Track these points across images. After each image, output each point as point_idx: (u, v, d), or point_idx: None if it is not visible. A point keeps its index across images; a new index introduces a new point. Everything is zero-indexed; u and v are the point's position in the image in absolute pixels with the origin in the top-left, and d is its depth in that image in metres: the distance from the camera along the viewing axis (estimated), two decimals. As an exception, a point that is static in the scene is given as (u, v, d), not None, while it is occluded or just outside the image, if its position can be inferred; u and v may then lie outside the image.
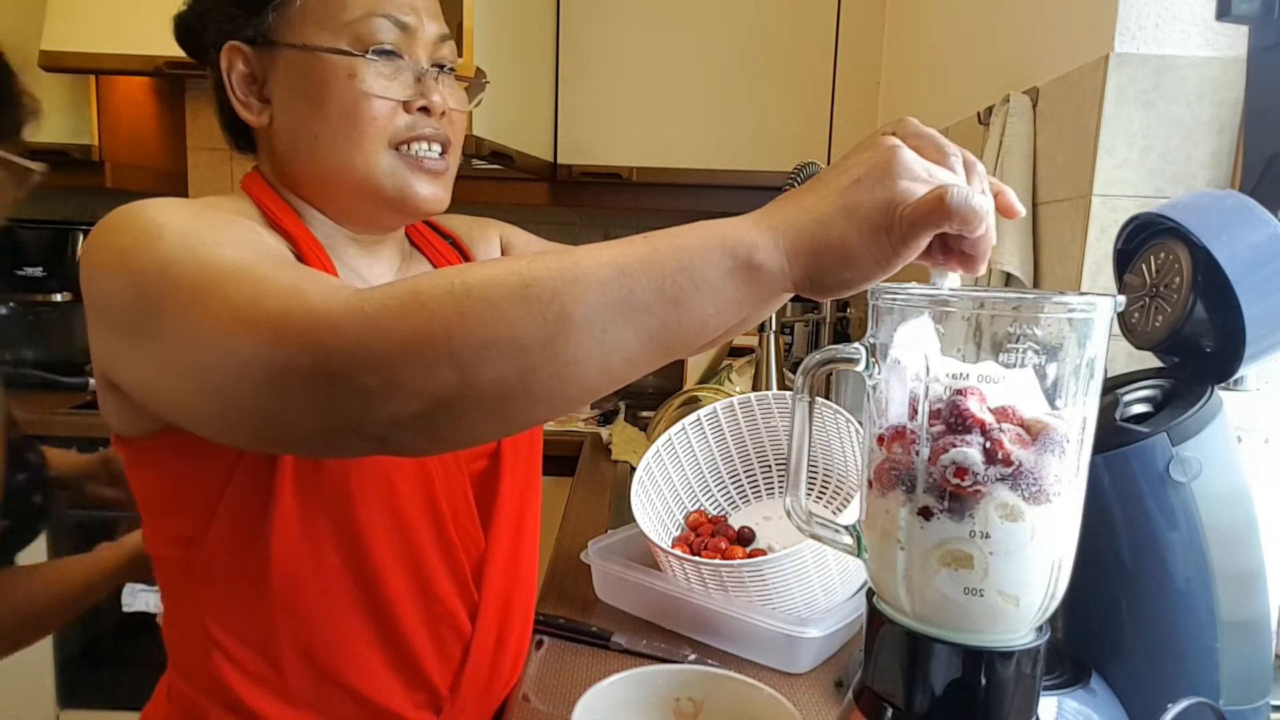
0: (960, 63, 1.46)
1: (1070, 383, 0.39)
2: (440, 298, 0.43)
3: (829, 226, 0.44)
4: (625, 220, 2.36)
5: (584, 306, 0.43)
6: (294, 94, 0.65)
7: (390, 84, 0.65)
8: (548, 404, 0.45)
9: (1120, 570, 0.58)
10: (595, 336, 0.43)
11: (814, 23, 1.97)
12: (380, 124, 0.65)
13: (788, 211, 0.46)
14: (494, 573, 0.73)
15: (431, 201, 0.68)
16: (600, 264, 0.44)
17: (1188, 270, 0.57)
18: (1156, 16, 0.91)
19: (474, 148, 1.59)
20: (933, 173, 0.45)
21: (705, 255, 0.44)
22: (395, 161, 0.66)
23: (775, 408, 1.00)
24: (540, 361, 0.43)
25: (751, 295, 0.45)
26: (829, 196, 0.45)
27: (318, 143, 0.65)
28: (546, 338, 0.43)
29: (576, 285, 0.43)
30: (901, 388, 0.41)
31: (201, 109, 2.32)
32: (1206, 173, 0.93)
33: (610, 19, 1.98)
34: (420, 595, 0.68)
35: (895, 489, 0.41)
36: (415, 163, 0.67)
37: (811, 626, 0.76)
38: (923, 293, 0.41)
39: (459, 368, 0.42)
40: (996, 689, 0.40)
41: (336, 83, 0.64)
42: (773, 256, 0.44)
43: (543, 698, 0.74)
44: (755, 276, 0.44)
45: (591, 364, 0.44)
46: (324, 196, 0.68)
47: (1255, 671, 0.58)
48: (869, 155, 0.45)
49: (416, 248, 0.81)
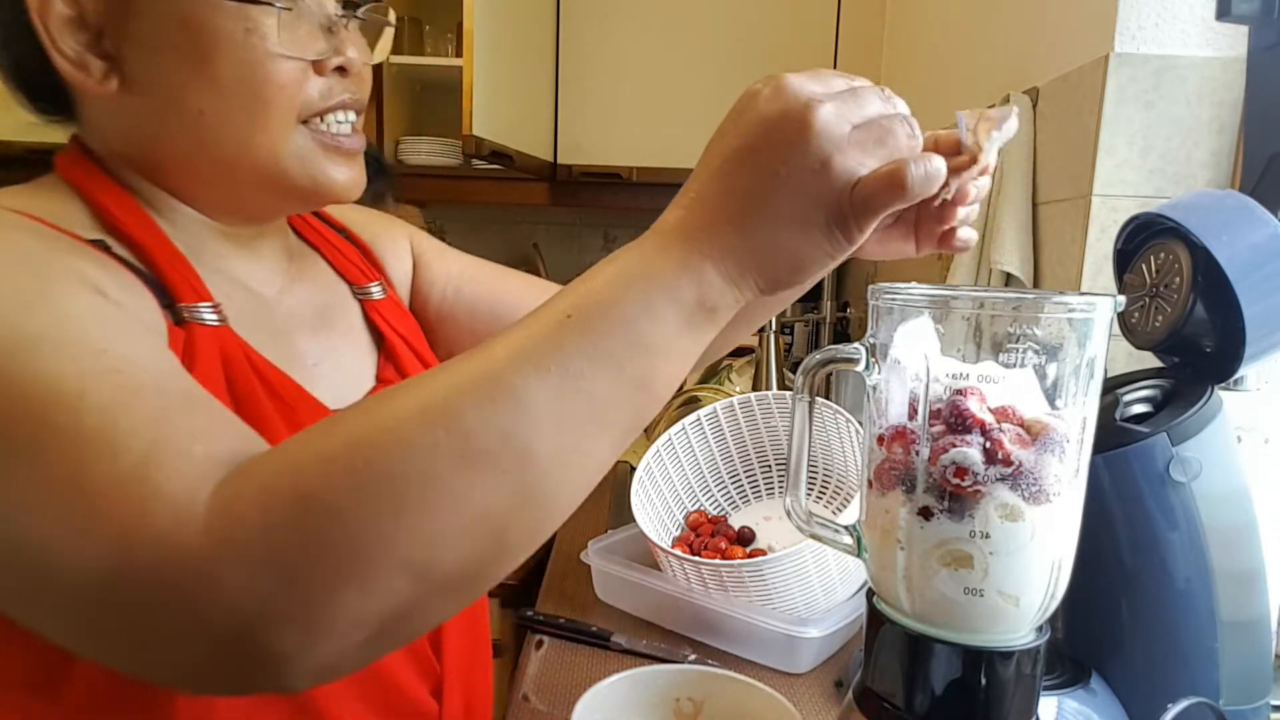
0: (960, 63, 1.46)
1: (1070, 383, 0.39)
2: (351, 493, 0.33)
3: (772, 240, 0.38)
4: (625, 220, 2.36)
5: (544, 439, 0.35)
6: (163, 54, 0.49)
7: (298, 39, 0.51)
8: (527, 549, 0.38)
9: (1120, 570, 0.58)
10: (568, 461, 0.36)
11: (814, 23, 1.96)
12: (289, 93, 0.51)
13: (716, 233, 0.38)
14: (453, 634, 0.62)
15: (351, 188, 0.56)
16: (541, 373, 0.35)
17: (1188, 270, 0.57)
18: (1156, 16, 0.91)
19: (474, 148, 1.59)
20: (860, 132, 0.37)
21: (655, 318, 0.37)
22: (306, 141, 0.53)
23: (775, 408, 1.00)
24: (514, 519, 0.36)
25: (711, 332, 0.40)
26: (755, 204, 0.38)
27: (202, 120, 0.50)
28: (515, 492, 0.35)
29: (525, 415, 0.34)
30: (901, 388, 0.41)
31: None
32: (1206, 173, 0.93)
33: (610, 19, 1.98)
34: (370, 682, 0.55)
35: (895, 489, 0.41)
36: (331, 142, 0.54)
37: (811, 626, 0.76)
38: (923, 293, 0.41)
39: (408, 573, 0.34)
40: (996, 689, 0.40)
41: (230, 40, 0.49)
42: (722, 290, 0.39)
43: (543, 698, 0.74)
44: (711, 316, 0.39)
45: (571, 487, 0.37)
46: (199, 185, 0.54)
47: (1255, 671, 0.58)
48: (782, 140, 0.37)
49: (305, 242, 0.67)
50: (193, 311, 0.51)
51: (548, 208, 2.33)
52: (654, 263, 0.38)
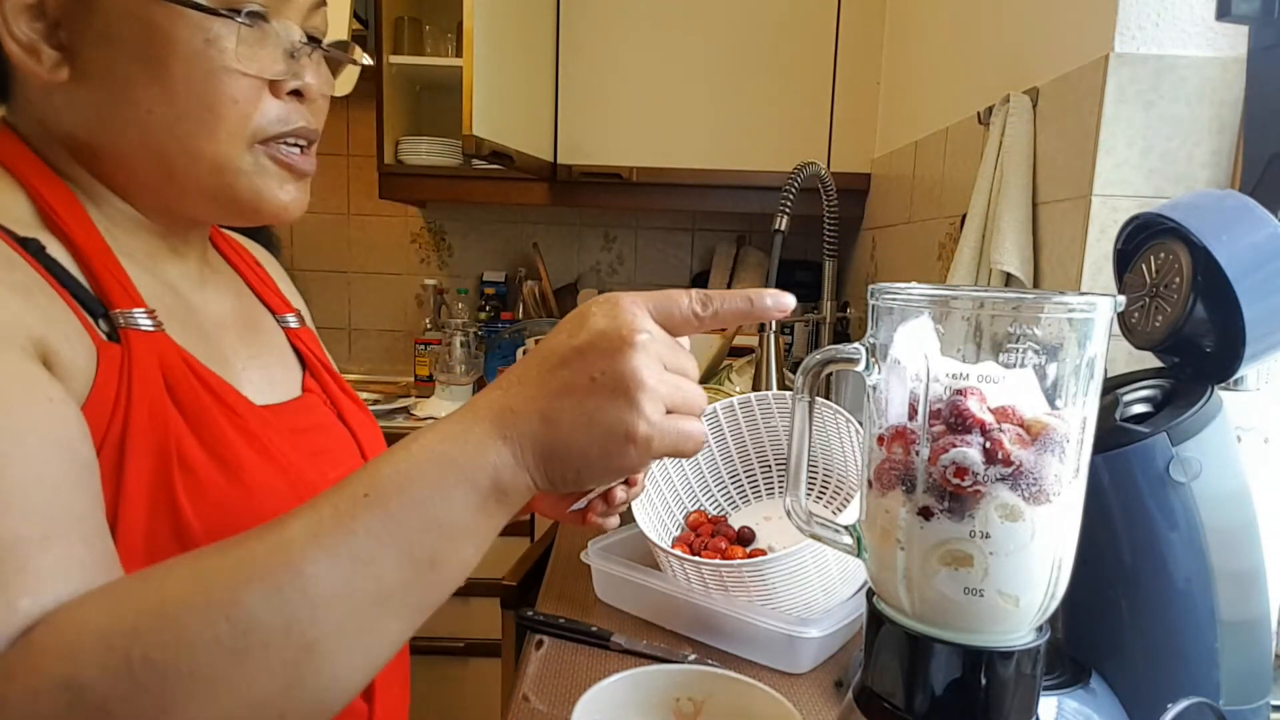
0: (960, 63, 1.46)
1: (1070, 383, 0.39)
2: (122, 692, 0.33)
3: (567, 439, 0.40)
4: (625, 220, 2.36)
5: (329, 626, 0.36)
6: (120, 52, 0.49)
7: (258, 57, 0.52)
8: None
9: (1120, 570, 0.58)
10: (351, 646, 0.37)
11: (814, 23, 1.96)
12: (242, 110, 0.52)
13: (525, 419, 0.41)
14: None
15: (295, 210, 0.57)
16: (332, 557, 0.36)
17: (1188, 270, 0.57)
18: (1156, 16, 0.91)
19: (474, 148, 1.59)
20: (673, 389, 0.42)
21: (449, 499, 0.39)
22: (259, 160, 0.54)
23: (775, 408, 1.00)
24: (291, 706, 0.36)
25: (505, 516, 0.42)
26: (565, 400, 0.40)
27: (150, 119, 0.51)
28: (294, 681, 0.35)
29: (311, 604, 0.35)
30: (901, 388, 0.41)
31: None
32: (1206, 173, 0.93)
33: (610, 19, 1.98)
34: None
35: (895, 489, 0.41)
36: (284, 159, 0.55)
37: (811, 626, 0.76)
38: (923, 293, 0.41)
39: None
40: (996, 689, 0.40)
41: (188, 47, 0.49)
42: (516, 474, 0.40)
43: (542, 698, 0.74)
44: (504, 500, 0.41)
45: (356, 670, 0.38)
46: (137, 181, 0.54)
47: (1255, 671, 0.58)
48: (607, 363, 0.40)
49: (216, 249, 0.68)
50: (128, 318, 0.51)
51: (548, 208, 2.33)
52: (457, 444, 0.40)
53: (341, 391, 0.70)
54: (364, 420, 0.70)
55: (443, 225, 2.40)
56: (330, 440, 0.65)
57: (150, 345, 0.51)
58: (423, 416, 1.89)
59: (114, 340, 0.50)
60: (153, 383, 0.50)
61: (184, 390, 0.52)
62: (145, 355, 0.50)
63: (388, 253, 2.41)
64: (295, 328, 0.71)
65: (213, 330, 0.60)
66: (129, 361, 0.49)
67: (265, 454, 0.55)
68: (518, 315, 2.25)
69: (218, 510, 0.50)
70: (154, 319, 0.52)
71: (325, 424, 0.66)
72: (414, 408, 1.94)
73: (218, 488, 0.51)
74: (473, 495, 0.40)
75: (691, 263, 2.40)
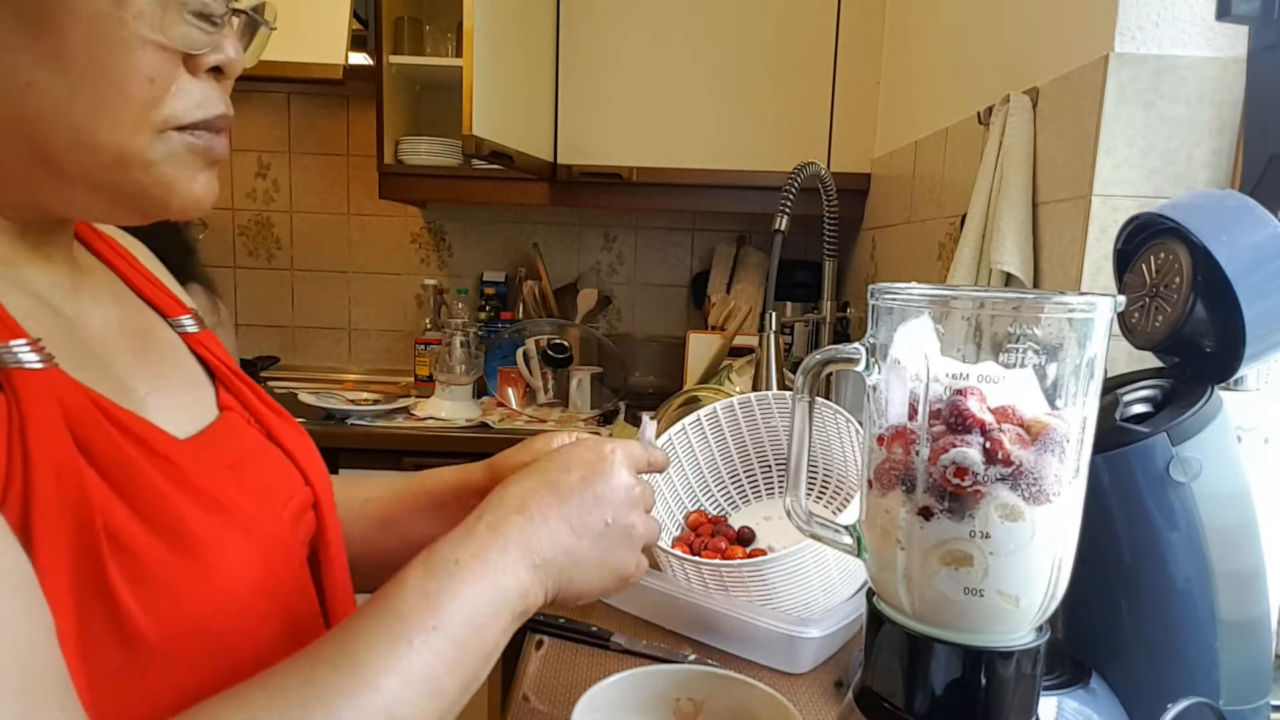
0: (960, 63, 1.46)
1: (1070, 383, 0.39)
2: None
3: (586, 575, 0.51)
4: (625, 220, 2.36)
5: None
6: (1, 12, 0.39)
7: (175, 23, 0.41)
8: None
9: (1120, 570, 0.58)
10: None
11: (814, 23, 1.96)
12: (156, 91, 0.42)
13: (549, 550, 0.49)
14: None
15: (207, 203, 0.47)
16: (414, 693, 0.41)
17: (1188, 270, 0.57)
18: (1156, 16, 0.91)
19: (474, 148, 1.59)
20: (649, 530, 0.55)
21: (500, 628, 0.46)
22: (171, 147, 0.44)
23: (775, 408, 1.00)
24: None
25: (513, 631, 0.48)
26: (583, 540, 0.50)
27: (27, 94, 0.39)
28: None
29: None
30: (901, 388, 0.41)
31: None
32: (1206, 173, 0.93)
33: (610, 19, 1.98)
34: None
35: (895, 489, 0.41)
36: (201, 150, 0.45)
37: (811, 626, 0.76)
38: (923, 293, 0.41)
39: None
40: (996, 689, 0.40)
41: (92, 11, 0.39)
42: (537, 599, 0.48)
43: (542, 698, 0.74)
44: (522, 618, 0.48)
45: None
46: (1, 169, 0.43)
47: (1255, 671, 0.58)
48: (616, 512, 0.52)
49: (83, 243, 0.55)
50: (10, 354, 0.39)
51: (548, 208, 2.33)
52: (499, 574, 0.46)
53: (261, 403, 0.57)
54: (295, 435, 0.58)
55: (443, 225, 2.40)
56: (268, 470, 0.54)
57: (43, 388, 0.39)
58: (423, 416, 1.88)
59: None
60: (55, 438, 0.38)
61: (97, 441, 0.40)
62: (39, 403, 0.38)
63: (388, 253, 2.41)
64: (194, 331, 0.57)
65: (99, 350, 0.48)
66: (18, 414, 0.37)
67: (215, 509, 0.45)
68: (518, 315, 2.25)
69: (167, 595, 0.41)
70: (40, 351, 0.40)
71: (257, 449, 0.54)
72: (414, 408, 1.94)
73: (163, 565, 0.41)
74: (511, 623, 0.46)
75: (691, 263, 2.40)
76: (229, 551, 0.44)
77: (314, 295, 2.43)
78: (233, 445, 0.52)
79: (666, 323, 2.42)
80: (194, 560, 0.42)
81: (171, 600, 0.41)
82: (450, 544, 0.47)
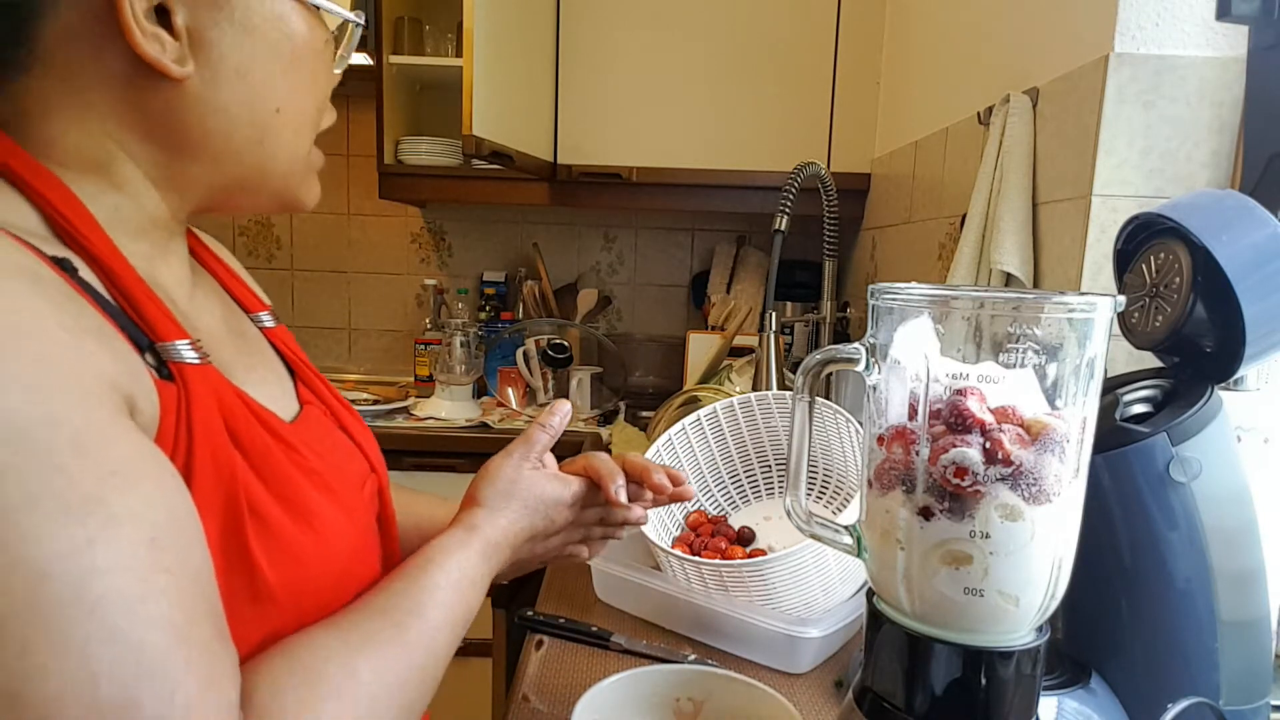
0: (960, 63, 1.46)
1: (1070, 383, 0.39)
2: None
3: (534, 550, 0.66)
4: (625, 220, 2.36)
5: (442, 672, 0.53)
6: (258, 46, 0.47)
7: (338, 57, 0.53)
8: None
9: (1120, 570, 0.58)
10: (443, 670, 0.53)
11: (814, 23, 1.96)
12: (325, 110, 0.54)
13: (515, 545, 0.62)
14: None
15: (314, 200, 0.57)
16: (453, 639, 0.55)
17: (1188, 270, 0.57)
18: (1156, 16, 0.91)
19: (474, 148, 1.59)
20: None
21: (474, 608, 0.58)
22: (312, 156, 0.54)
23: (775, 408, 1.00)
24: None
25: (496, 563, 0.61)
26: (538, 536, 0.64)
27: (271, 120, 0.49)
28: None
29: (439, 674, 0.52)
30: (901, 388, 0.41)
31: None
32: (1206, 173, 0.93)
33: (610, 19, 1.98)
34: None
35: (895, 489, 0.41)
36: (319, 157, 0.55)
37: (811, 626, 0.76)
38: (923, 293, 0.41)
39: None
40: (996, 689, 0.40)
41: (313, 47, 0.49)
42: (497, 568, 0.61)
43: (542, 698, 0.74)
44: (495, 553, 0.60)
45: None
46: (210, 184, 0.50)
47: (1255, 671, 0.58)
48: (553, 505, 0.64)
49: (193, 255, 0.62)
50: (175, 351, 0.44)
51: (548, 208, 2.33)
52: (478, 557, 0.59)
53: (332, 395, 0.63)
54: (359, 426, 0.64)
55: (443, 225, 2.40)
56: (344, 456, 0.59)
57: (204, 381, 0.45)
58: (423, 416, 1.88)
59: (165, 378, 0.43)
60: (213, 425, 0.44)
61: (244, 430, 0.46)
62: (202, 394, 0.44)
63: (388, 253, 2.41)
64: (272, 327, 0.63)
65: (212, 345, 0.52)
66: (187, 403, 0.43)
67: (324, 488, 0.51)
68: (518, 315, 2.25)
69: (294, 564, 0.47)
70: (198, 349, 0.46)
71: (336, 441, 0.60)
72: (414, 408, 1.94)
73: (291, 538, 0.47)
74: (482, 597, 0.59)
75: (691, 263, 2.40)
76: (336, 524, 0.51)
77: (314, 295, 2.43)
78: (319, 433, 0.58)
79: (666, 323, 2.42)
80: (311, 531, 0.49)
81: (295, 564, 0.47)
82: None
